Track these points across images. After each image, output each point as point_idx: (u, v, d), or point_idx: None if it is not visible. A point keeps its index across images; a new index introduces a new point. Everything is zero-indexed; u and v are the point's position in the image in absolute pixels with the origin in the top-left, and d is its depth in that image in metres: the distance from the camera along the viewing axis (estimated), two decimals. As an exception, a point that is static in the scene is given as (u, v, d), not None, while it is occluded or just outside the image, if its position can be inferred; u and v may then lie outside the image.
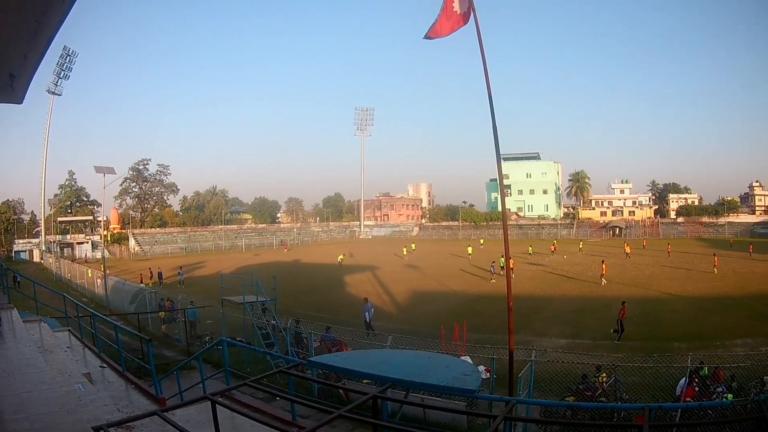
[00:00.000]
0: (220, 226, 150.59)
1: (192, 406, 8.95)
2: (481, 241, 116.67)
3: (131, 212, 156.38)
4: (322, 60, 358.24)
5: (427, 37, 15.59)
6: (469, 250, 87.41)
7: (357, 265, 75.72)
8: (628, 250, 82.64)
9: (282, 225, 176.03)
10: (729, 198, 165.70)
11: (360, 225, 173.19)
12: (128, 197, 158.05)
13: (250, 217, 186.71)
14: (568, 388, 19.98)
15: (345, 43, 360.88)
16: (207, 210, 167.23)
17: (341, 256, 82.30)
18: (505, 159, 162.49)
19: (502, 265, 54.49)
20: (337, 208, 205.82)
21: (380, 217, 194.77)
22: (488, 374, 20.06)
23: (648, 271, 63.82)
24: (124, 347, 15.94)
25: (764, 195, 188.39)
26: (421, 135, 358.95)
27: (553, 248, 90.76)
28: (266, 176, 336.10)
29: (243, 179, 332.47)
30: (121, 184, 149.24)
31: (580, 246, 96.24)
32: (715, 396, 18.85)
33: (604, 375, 20.50)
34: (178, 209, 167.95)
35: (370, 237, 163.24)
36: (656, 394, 19.19)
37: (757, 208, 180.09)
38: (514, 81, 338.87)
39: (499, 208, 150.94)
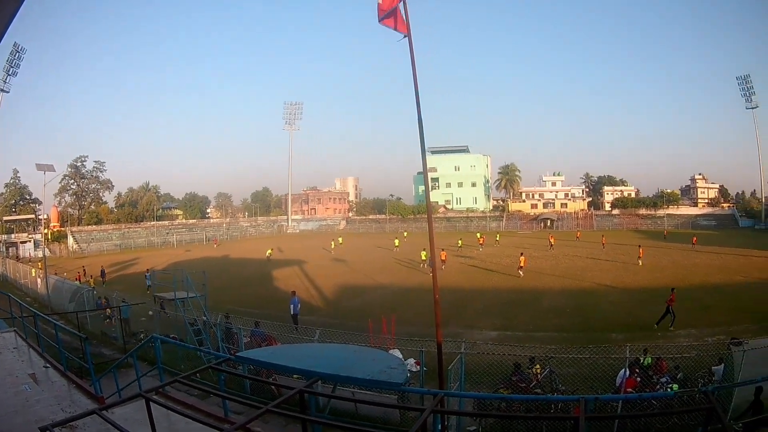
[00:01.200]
0: (152, 223, 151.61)
1: (130, 404, 9.00)
2: (405, 234, 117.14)
3: (70, 210, 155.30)
4: (251, 54, 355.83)
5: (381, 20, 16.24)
6: (396, 242, 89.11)
7: (285, 260, 76.50)
8: (552, 241, 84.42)
9: (212, 220, 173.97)
10: (669, 190, 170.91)
11: (288, 219, 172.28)
12: (67, 195, 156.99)
13: (181, 212, 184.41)
14: (501, 380, 19.64)
15: (274, 36, 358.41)
16: (140, 206, 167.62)
17: (269, 251, 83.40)
18: (433, 152, 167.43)
19: (439, 256, 57.22)
20: (265, 203, 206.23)
21: (307, 211, 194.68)
22: (418, 367, 20.23)
23: (581, 262, 64.75)
24: (66, 346, 16.82)
25: (707, 187, 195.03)
26: (349, 129, 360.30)
27: (481, 241, 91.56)
28: (197, 171, 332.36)
29: (175, 174, 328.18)
30: (60, 182, 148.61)
31: (497, 238, 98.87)
32: (658, 386, 18.80)
33: (538, 366, 20.27)
34: (113, 206, 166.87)
35: (298, 231, 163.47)
36: (595, 385, 19.02)
37: (699, 201, 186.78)
38: (444, 75, 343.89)
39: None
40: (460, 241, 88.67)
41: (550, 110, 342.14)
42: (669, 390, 18.03)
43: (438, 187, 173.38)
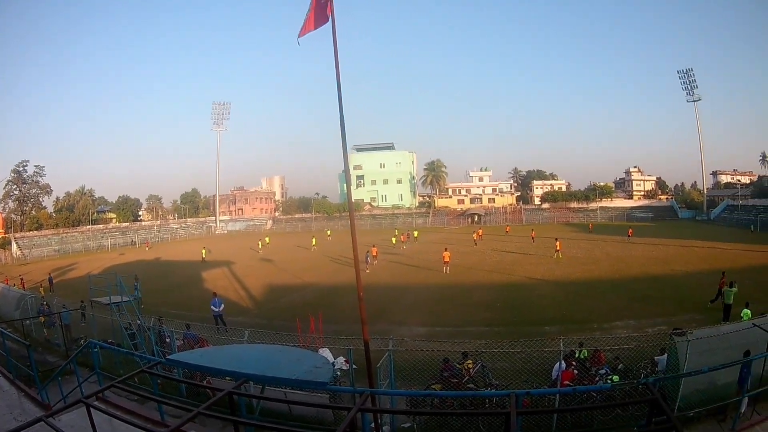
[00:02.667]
0: (88, 227, 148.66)
1: (75, 410, 9.43)
2: (329, 232, 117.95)
3: (13, 216, 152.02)
4: (180, 54, 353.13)
5: (300, 36, 16.52)
6: (313, 241, 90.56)
7: (214, 261, 76.48)
8: (476, 237, 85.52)
9: (144, 223, 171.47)
10: (602, 183, 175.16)
11: (216, 220, 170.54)
12: (10, 200, 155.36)
13: (115, 215, 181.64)
14: (433, 376, 19.57)
15: (202, 37, 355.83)
16: (76, 210, 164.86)
17: (204, 252, 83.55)
18: (359, 150, 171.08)
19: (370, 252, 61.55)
20: (194, 204, 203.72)
21: (235, 211, 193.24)
22: (347, 365, 20.29)
23: (509, 257, 65.33)
24: (15, 354, 17.68)
25: (643, 180, 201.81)
26: (276, 128, 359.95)
27: (403, 238, 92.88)
28: (129, 174, 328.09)
29: (108, 177, 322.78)
30: (4, 188, 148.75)
31: (415, 235, 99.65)
32: (598, 378, 18.70)
33: (470, 362, 20.08)
34: (52, 211, 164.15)
35: (226, 232, 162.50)
36: (531, 379, 19.17)
37: (635, 193, 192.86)
38: (370, 72, 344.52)
39: (353, 198, 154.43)
40: (393, 239, 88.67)
41: (478, 106, 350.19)
42: (609, 381, 18.00)
43: (363, 184, 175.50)
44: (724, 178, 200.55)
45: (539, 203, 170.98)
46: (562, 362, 18.24)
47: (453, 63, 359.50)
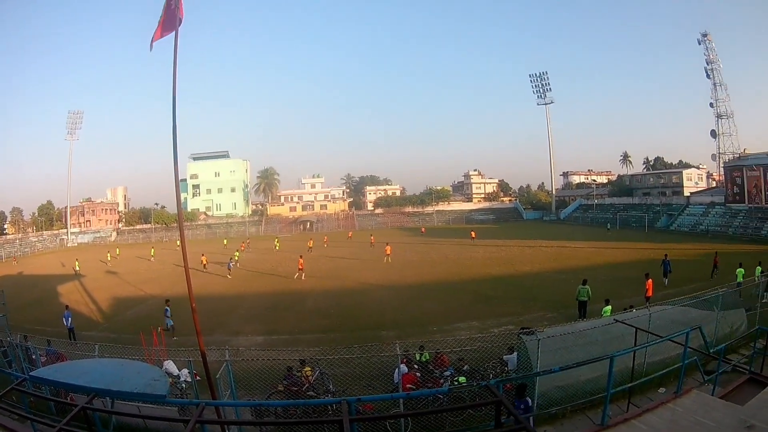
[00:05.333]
0: None
1: None
2: (117, 251, 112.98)
3: None
4: (32, 58, 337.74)
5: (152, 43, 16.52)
6: (152, 252, 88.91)
7: (67, 275, 72.10)
8: (310, 244, 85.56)
9: (9, 236, 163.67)
10: (439, 187, 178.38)
11: (68, 232, 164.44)
12: None
13: None
14: (274, 385, 19.40)
15: (54, 41, 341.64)
16: None
17: (77, 264, 77.98)
18: (195, 158, 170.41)
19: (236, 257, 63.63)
20: (49, 216, 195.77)
21: (84, 223, 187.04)
22: (190, 378, 20.05)
23: (344, 263, 65.71)
24: None
25: (484, 183, 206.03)
26: (120, 136, 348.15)
27: (243, 246, 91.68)
28: None
29: None
30: None
31: (224, 243, 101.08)
32: (442, 380, 18.91)
33: (308, 369, 20.16)
34: None
35: (76, 244, 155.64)
36: (373, 384, 19.28)
37: (474, 196, 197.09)
38: (205, 79, 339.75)
39: (190, 208, 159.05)
40: (237, 253, 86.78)
41: (310, 112, 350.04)
42: (456, 383, 18.25)
43: (199, 193, 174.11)
44: (577, 179, 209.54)
45: (372, 209, 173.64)
46: (402, 366, 18.36)
47: (286, 69, 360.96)
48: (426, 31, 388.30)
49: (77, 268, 74.81)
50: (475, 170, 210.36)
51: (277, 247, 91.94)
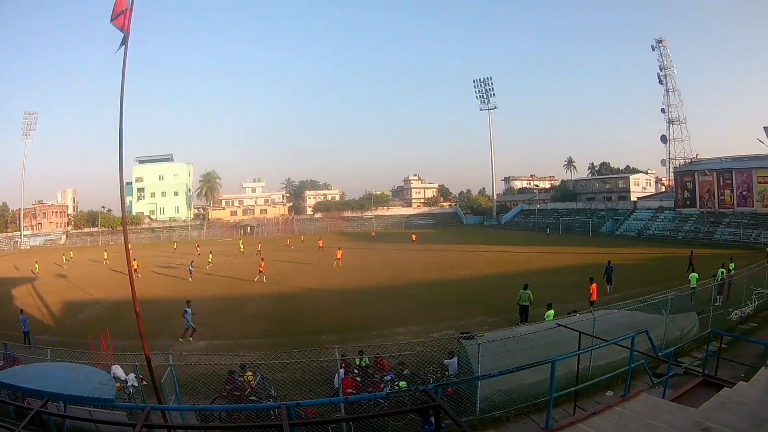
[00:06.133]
0: None
1: None
2: (71, 254, 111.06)
3: None
4: None
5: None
6: (105, 255, 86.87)
7: (22, 278, 70.84)
8: (259, 248, 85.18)
9: None
10: (378, 192, 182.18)
11: (21, 235, 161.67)
12: None
13: None
14: (217, 389, 19.47)
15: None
16: None
17: (36, 266, 76.41)
18: (141, 161, 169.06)
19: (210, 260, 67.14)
20: (3, 218, 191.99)
21: (36, 225, 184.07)
22: (143, 382, 20.22)
23: (285, 266, 65.56)
24: None
25: (424, 188, 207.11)
26: (71, 138, 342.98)
27: (199, 250, 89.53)
28: None
29: None
30: None
31: (241, 248, 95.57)
32: (383, 385, 19.10)
33: (249, 373, 20.18)
34: None
35: (29, 247, 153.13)
36: (314, 389, 19.50)
37: (414, 201, 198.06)
38: (151, 80, 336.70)
39: (135, 212, 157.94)
40: (210, 255, 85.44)
41: (252, 116, 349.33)
42: (396, 387, 18.44)
43: (144, 197, 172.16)
44: (519, 184, 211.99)
45: (312, 213, 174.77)
46: (342, 370, 18.44)
47: (229, 72, 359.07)
48: (368, 33, 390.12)
49: (37, 271, 73.46)
50: (415, 175, 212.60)
51: (241, 249, 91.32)
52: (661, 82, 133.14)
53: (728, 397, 10.70)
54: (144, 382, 19.43)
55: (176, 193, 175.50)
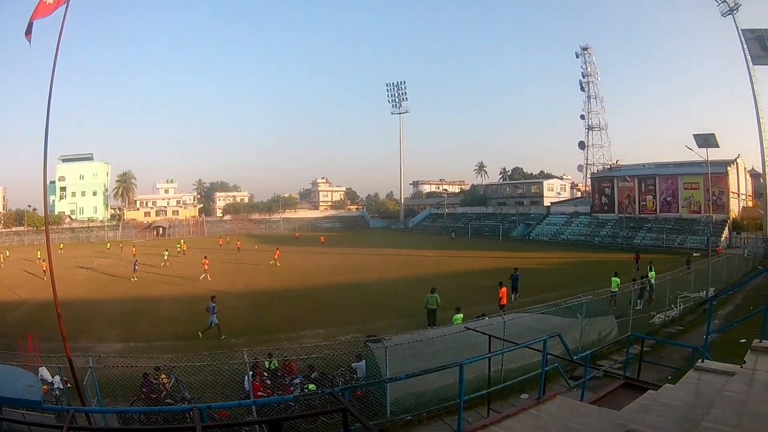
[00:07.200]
0: None
1: None
2: (7, 253, 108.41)
3: None
4: None
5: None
6: (38, 254, 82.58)
7: None
8: (184, 247, 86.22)
9: None
10: (286, 195, 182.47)
11: None
12: None
13: None
14: (135, 392, 19.56)
15: None
16: None
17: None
18: (64, 160, 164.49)
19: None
20: None
21: None
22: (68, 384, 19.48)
23: (198, 270, 62.34)
24: None
25: (331, 191, 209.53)
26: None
27: (134, 252, 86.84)
28: None
29: None
30: None
31: (60, 247, 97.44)
32: (293, 388, 19.38)
33: (163, 376, 20.24)
34: None
35: None
36: (226, 391, 19.65)
37: (321, 204, 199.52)
38: (74, 76, 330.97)
39: (57, 211, 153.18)
40: (166, 252, 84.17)
41: (166, 115, 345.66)
42: (306, 390, 18.82)
43: (66, 196, 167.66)
44: (428, 188, 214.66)
45: (221, 215, 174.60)
46: (251, 373, 18.60)
47: (144, 68, 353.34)
48: (279, 32, 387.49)
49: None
50: (322, 178, 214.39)
51: (183, 249, 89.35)
52: (582, 88, 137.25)
53: (653, 399, 10.77)
54: (68, 384, 19.04)
55: (95, 193, 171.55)
